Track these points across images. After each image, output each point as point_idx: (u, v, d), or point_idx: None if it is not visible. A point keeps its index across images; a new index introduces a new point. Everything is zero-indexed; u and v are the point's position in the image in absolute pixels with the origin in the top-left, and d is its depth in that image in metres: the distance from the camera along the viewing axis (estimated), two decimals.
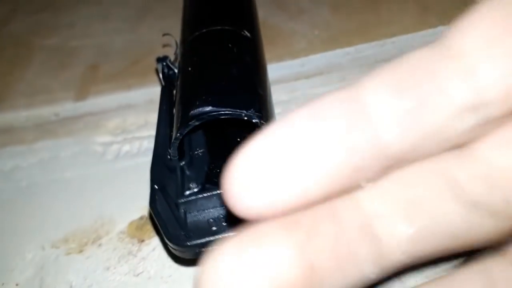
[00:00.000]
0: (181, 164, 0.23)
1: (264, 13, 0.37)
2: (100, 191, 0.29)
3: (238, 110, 0.22)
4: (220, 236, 0.21)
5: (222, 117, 0.22)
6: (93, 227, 0.27)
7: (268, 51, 0.32)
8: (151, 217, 0.26)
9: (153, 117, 0.33)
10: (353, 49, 0.35)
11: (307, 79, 0.34)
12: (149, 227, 0.27)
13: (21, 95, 0.38)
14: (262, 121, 0.22)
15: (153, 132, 0.27)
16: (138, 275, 0.25)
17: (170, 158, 0.23)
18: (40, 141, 0.34)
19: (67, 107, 0.36)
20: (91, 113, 0.35)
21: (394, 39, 0.36)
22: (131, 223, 0.27)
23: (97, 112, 0.35)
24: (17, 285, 0.26)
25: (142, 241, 0.26)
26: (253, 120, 0.22)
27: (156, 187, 0.22)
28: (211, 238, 0.20)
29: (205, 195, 0.22)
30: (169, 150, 0.23)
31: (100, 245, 0.26)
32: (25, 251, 0.27)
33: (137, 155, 0.31)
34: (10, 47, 0.42)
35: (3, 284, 0.26)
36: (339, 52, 0.35)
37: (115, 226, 0.27)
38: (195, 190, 0.22)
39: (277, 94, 0.32)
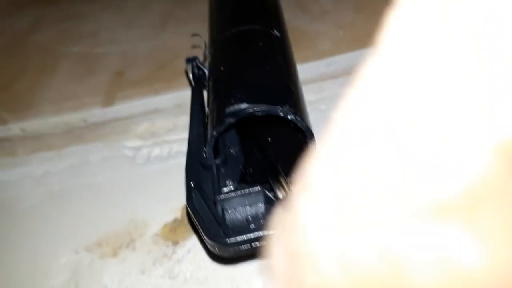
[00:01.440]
0: (217, 162, 0.23)
1: (287, 16, 0.37)
2: (132, 194, 0.29)
3: (274, 106, 0.22)
4: (258, 233, 0.20)
5: (258, 113, 0.22)
6: (126, 230, 0.27)
7: (294, 52, 0.32)
8: (188, 216, 0.26)
9: (182, 121, 0.33)
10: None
11: (334, 79, 0.34)
12: (183, 229, 0.26)
13: (48, 102, 0.38)
14: (297, 117, 0.22)
15: (182, 135, 0.27)
16: (173, 277, 0.25)
17: (206, 157, 0.23)
18: (70, 147, 0.34)
19: (95, 113, 0.36)
20: (119, 118, 0.35)
21: None
22: (165, 226, 0.27)
23: (125, 117, 0.35)
24: None
25: (177, 243, 0.26)
26: (289, 116, 0.22)
27: (192, 184, 0.22)
28: (250, 236, 0.20)
29: (242, 192, 0.21)
30: (204, 149, 0.23)
31: (134, 248, 0.26)
32: (59, 255, 0.27)
33: (167, 158, 0.31)
34: (36, 56, 0.43)
35: None
36: (364, 51, 0.35)
37: (149, 229, 0.27)
38: (232, 187, 0.22)
39: (305, 95, 0.32)
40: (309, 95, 0.33)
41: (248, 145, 0.24)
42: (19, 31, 0.46)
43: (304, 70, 0.34)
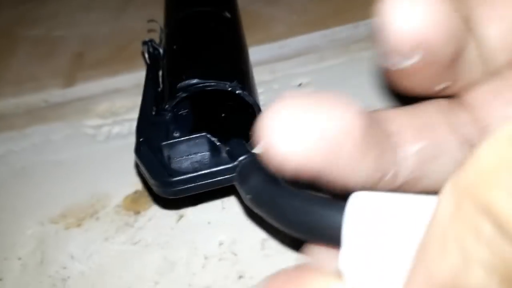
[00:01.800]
0: (167, 117, 0.25)
1: (242, 1, 0.39)
2: (94, 169, 0.31)
3: (222, 82, 0.24)
4: (201, 172, 0.22)
5: (208, 88, 0.23)
6: (89, 202, 0.29)
7: (248, 36, 0.34)
8: (136, 166, 0.27)
9: None
10: (329, 31, 0.38)
11: (287, 60, 0.36)
12: (144, 200, 0.28)
13: (8, 83, 0.39)
14: (244, 92, 0.24)
15: None
16: (135, 243, 0.26)
17: (155, 114, 0.24)
18: (31, 127, 0.35)
19: (56, 94, 0.37)
20: (80, 98, 0.36)
21: (367, 21, 0.38)
22: (126, 197, 0.29)
23: (85, 97, 0.36)
24: (19, 259, 0.27)
25: (138, 212, 0.28)
26: (237, 91, 0.24)
27: (141, 139, 0.23)
28: (193, 174, 0.21)
29: (188, 137, 0.23)
30: (154, 109, 0.25)
31: (97, 218, 0.28)
32: (24, 228, 0.28)
33: (127, 135, 0.33)
34: None
35: (5, 258, 0.27)
36: (316, 34, 0.38)
37: (111, 200, 0.29)
38: (178, 137, 0.24)
39: (259, 75, 0.34)
40: (263, 75, 0.35)
41: (199, 111, 0.26)
42: None
43: (258, 52, 0.36)
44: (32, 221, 0.28)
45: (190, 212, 0.27)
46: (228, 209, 0.27)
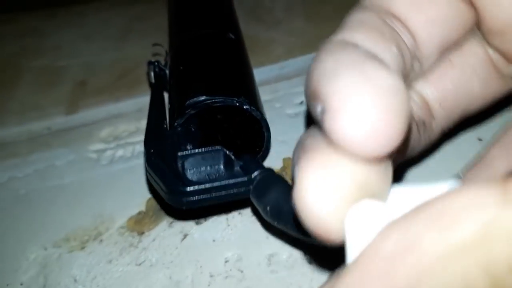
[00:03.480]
0: (176, 132, 0.24)
1: (243, 26, 0.40)
2: (98, 192, 0.30)
3: (230, 98, 0.24)
4: (217, 183, 0.21)
5: (216, 104, 0.24)
6: (93, 225, 0.28)
7: (250, 58, 0.34)
8: (148, 181, 0.27)
9: (144, 124, 0.34)
10: None
11: (288, 80, 0.36)
12: (148, 220, 0.28)
13: (12, 113, 0.39)
14: (252, 107, 0.24)
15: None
16: (140, 264, 0.26)
17: (164, 129, 0.24)
18: (34, 153, 0.35)
19: (59, 121, 0.37)
20: (83, 124, 0.36)
21: None
22: (130, 219, 0.28)
23: (88, 123, 0.36)
24: (21, 284, 0.26)
25: (142, 233, 0.27)
26: (244, 107, 0.24)
27: (152, 151, 0.23)
28: (209, 185, 0.21)
29: (203, 150, 0.23)
30: (165, 122, 0.25)
31: (101, 241, 0.28)
32: (27, 253, 0.28)
33: (131, 158, 0.33)
34: None
35: (7, 285, 0.26)
36: (314, 55, 0.38)
37: (115, 222, 0.28)
38: (191, 149, 0.24)
39: (262, 95, 0.34)
40: (265, 95, 0.35)
41: (208, 127, 0.26)
42: None
43: (259, 73, 0.37)
44: (35, 246, 0.28)
45: (195, 230, 0.27)
46: (233, 226, 0.26)
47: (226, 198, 0.22)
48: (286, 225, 0.19)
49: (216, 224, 0.27)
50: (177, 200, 0.22)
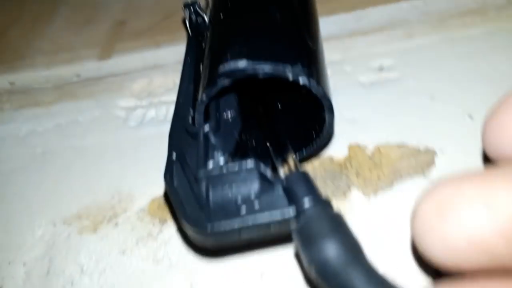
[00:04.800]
0: (206, 130, 0.19)
1: None
2: (120, 161, 0.25)
3: (281, 66, 0.17)
4: (248, 220, 0.16)
5: (260, 75, 0.17)
6: (109, 203, 0.24)
7: (318, 3, 0.27)
8: (165, 194, 0.22)
9: None
10: (421, 1, 0.30)
11: (365, 35, 0.29)
12: None
13: (42, 53, 0.34)
14: (311, 81, 0.17)
15: None
16: (158, 262, 0.21)
17: (193, 123, 0.19)
18: (59, 103, 0.30)
19: (90, 67, 0.32)
20: (115, 73, 0.31)
21: None
22: (153, 200, 0.23)
23: (121, 73, 0.31)
24: (24, 264, 0.22)
25: (165, 221, 0.22)
26: (300, 79, 0.17)
27: (174, 156, 0.18)
28: (239, 222, 0.15)
29: (232, 167, 0.17)
30: (192, 112, 0.19)
31: (116, 224, 0.23)
32: (35, 226, 0.24)
33: (163, 122, 0.27)
34: (33, 2, 0.39)
35: (9, 263, 0.23)
36: (404, 4, 0.30)
37: (135, 202, 0.23)
38: (221, 161, 0.18)
39: (328, 53, 0.27)
40: (333, 53, 0.28)
41: (248, 110, 0.20)
42: None
43: (328, 24, 0.29)
44: (44, 219, 0.24)
45: None
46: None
47: (260, 239, 0.16)
48: None
49: None
50: (200, 239, 0.16)
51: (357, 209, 0.20)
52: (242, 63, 0.17)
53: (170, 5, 0.35)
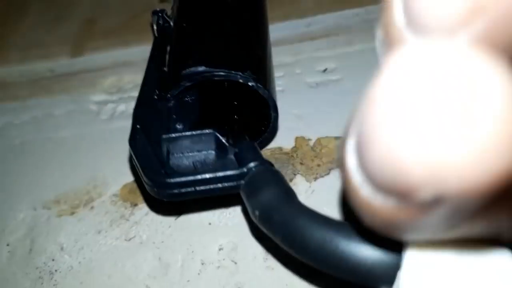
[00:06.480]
0: (169, 105, 0.22)
1: None
2: (94, 151, 0.28)
3: (233, 72, 0.20)
4: (205, 175, 0.19)
5: (216, 78, 0.20)
6: (85, 189, 0.27)
7: (272, 9, 0.30)
8: (130, 159, 0.25)
9: None
10: (363, 10, 0.33)
11: (313, 40, 0.32)
12: (143, 190, 0.26)
13: (15, 48, 0.36)
14: (258, 85, 0.21)
15: None
16: (130, 239, 0.24)
17: (157, 98, 0.22)
18: (34, 98, 0.33)
19: (63, 63, 0.35)
20: (87, 70, 0.34)
21: None
22: (124, 186, 0.26)
23: (93, 69, 0.34)
24: (8, 245, 0.25)
25: (135, 205, 0.25)
26: (249, 83, 0.21)
27: (138, 126, 0.21)
28: (195, 177, 0.19)
29: (191, 133, 0.20)
30: (156, 92, 0.22)
31: (92, 207, 0.26)
32: (16, 211, 0.26)
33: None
34: None
35: None
36: (347, 12, 0.33)
37: (108, 188, 0.27)
38: (181, 130, 0.21)
39: (280, 57, 0.31)
40: (285, 57, 0.31)
41: (207, 100, 0.23)
42: None
43: (280, 29, 0.33)
44: (25, 204, 0.27)
45: (191, 209, 0.25)
46: (231, 210, 0.24)
47: (215, 193, 0.19)
48: (275, 235, 0.17)
49: (215, 204, 0.25)
50: (158, 192, 0.19)
51: (300, 193, 0.24)
52: (201, 68, 0.21)
53: (136, 5, 0.38)
